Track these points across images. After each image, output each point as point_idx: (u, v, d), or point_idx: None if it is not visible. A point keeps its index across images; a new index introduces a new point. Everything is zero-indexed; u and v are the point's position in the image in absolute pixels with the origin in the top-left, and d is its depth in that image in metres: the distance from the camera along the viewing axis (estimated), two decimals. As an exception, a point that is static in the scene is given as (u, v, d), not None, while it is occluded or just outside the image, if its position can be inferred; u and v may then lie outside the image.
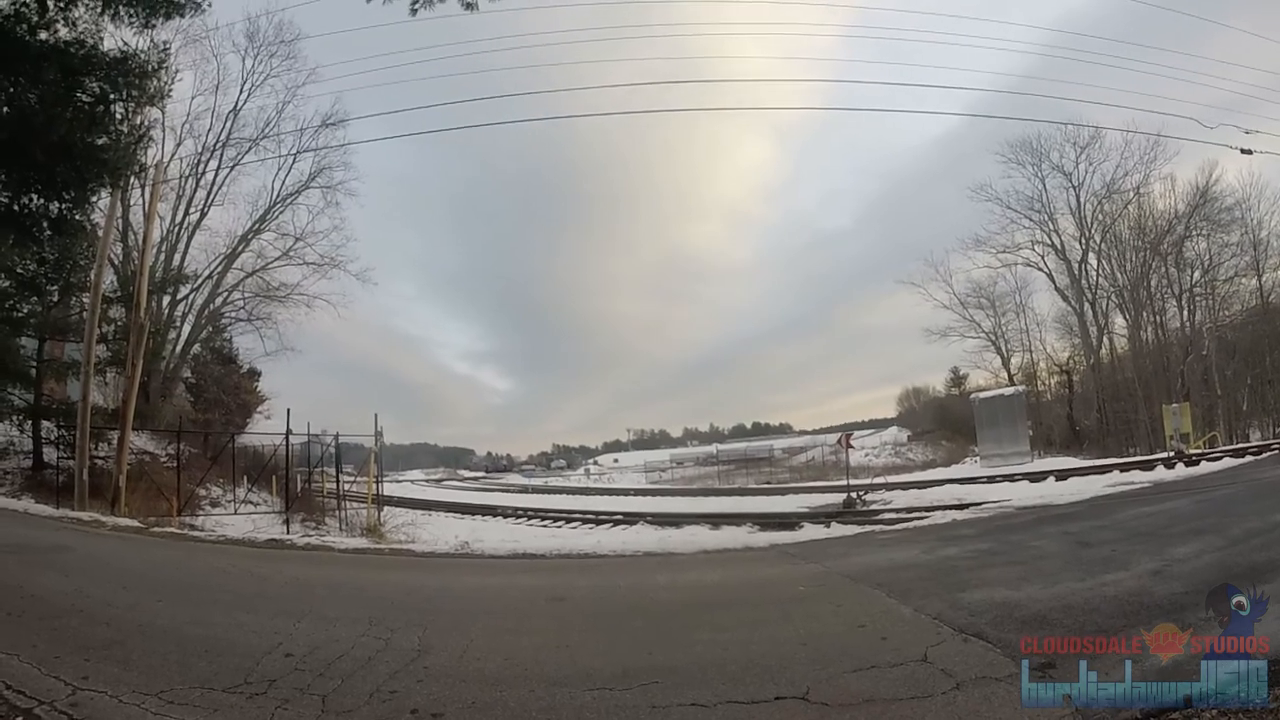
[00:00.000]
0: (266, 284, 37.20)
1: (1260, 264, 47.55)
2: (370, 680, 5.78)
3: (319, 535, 20.03)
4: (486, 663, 6.29)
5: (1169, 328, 50.05)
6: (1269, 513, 11.66)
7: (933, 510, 19.02)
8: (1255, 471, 19.50)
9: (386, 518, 26.14)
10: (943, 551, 11.42)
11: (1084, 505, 16.30)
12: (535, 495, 46.04)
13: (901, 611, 7.63)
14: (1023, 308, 57.21)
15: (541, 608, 8.96)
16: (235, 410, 33.58)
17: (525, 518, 30.99)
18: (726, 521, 21.23)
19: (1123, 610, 6.97)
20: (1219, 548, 9.55)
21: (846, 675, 5.73)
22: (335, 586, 10.27)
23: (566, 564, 12.83)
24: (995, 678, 5.52)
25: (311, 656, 6.30)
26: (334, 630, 7.16)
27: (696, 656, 6.36)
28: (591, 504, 35.27)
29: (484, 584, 11.00)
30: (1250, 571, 7.92)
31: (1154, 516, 13.26)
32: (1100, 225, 52.30)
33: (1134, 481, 22.12)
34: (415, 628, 7.27)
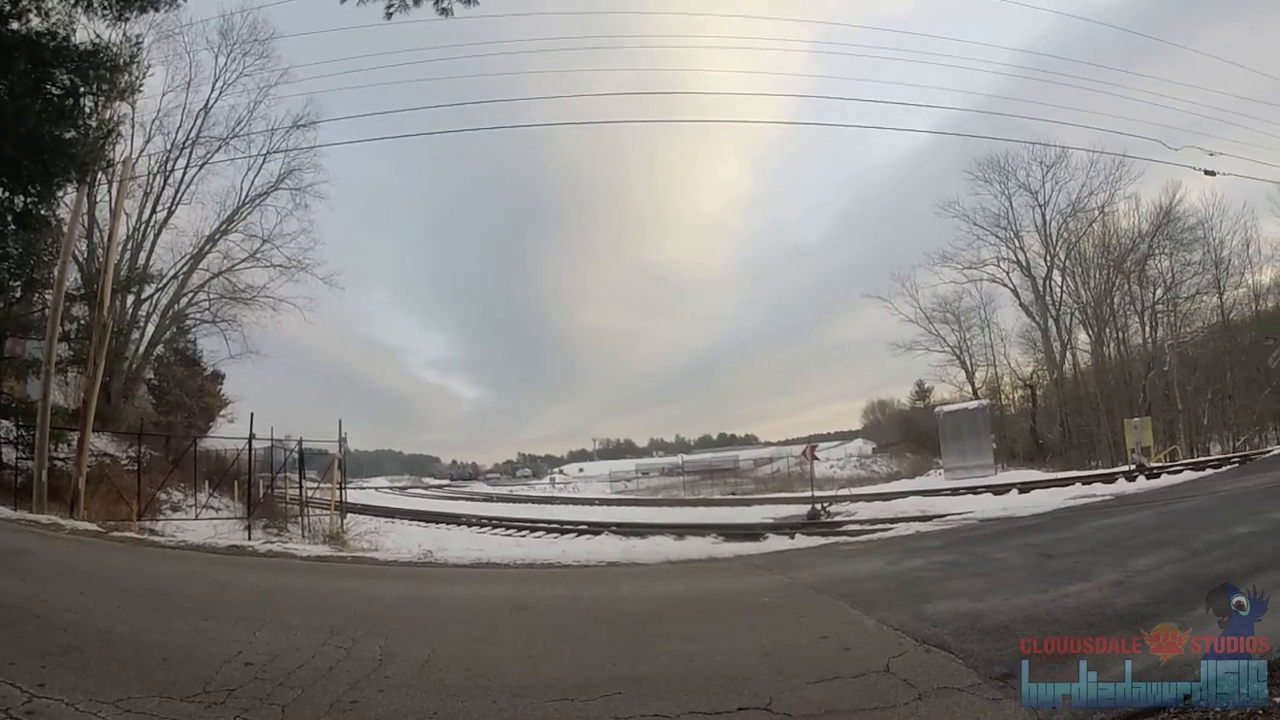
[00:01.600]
0: (233, 285, 36.75)
1: (1221, 282, 48.46)
2: (331, 690, 5.73)
3: (281, 542, 19.82)
4: (449, 673, 6.24)
5: (1131, 343, 50.86)
6: (1229, 525, 11.76)
7: (897, 522, 19.11)
8: (1215, 484, 19.69)
9: (350, 525, 25.94)
10: (906, 563, 11.47)
11: (1047, 517, 16.41)
12: (500, 504, 45.80)
13: (865, 623, 7.64)
14: (988, 323, 58.11)
15: (505, 618, 8.91)
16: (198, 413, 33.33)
17: (490, 527, 30.86)
18: (691, 532, 21.21)
19: (1084, 621, 7.02)
20: (1180, 559, 9.64)
21: (809, 686, 5.73)
22: (297, 594, 10.19)
23: (531, 574, 12.79)
24: (957, 688, 5.54)
25: (272, 665, 6.22)
26: (295, 639, 7.09)
27: (660, 667, 6.34)
28: (556, 513, 35.20)
29: (447, 593, 10.96)
30: (1209, 583, 7.97)
31: (1116, 528, 13.35)
32: (1065, 243, 53.23)
33: (1096, 494, 22.35)
34: (377, 637, 7.19)
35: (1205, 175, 36.91)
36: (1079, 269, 52.58)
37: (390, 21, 12.16)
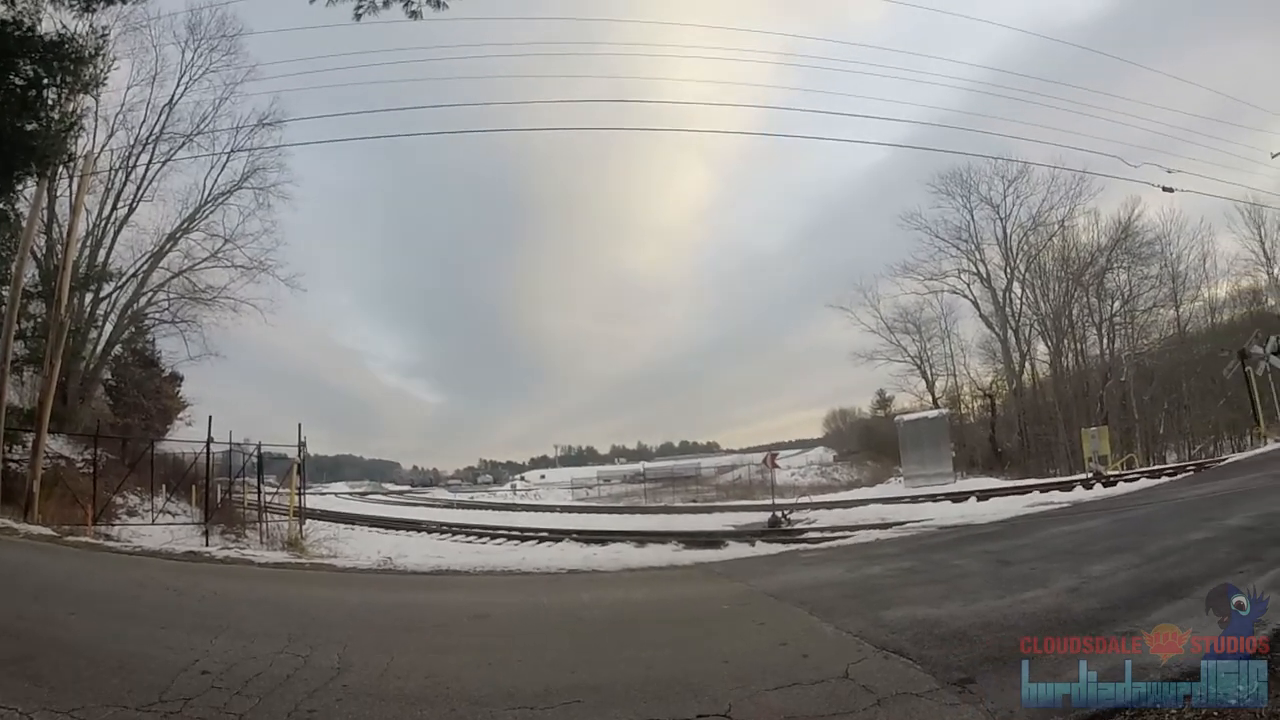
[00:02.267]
0: (193, 285, 36.17)
1: (1178, 296, 49.49)
2: (288, 699, 5.67)
3: (239, 548, 19.64)
4: (407, 681, 6.21)
5: (1089, 354, 51.58)
6: (1184, 531, 11.89)
7: (856, 529, 19.22)
8: (1171, 492, 19.91)
9: (309, 531, 25.76)
10: (865, 570, 11.53)
11: (1005, 525, 16.55)
12: (461, 510, 45.55)
13: (823, 629, 7.67)
14: (948, 333, 58.66)
15: (465, 625, 8.89)
16: (155, 416, 32.87)
17: (450, 533, 30.67)
18: (652, 539, 21.25)
19: (1041, 626, 7.06)
20: (1135, 565, 9.73)
21: (768, 693, 5.75)
22: (254, 601, 10.10)
23: (491, 581, 12.76)
24: (915, 694, 5.57)
25: (228, 674, 6.16)
26: (252, 647, 7.01)
27: (620, 675, 6.35)
28: (517, 520, 35.10)
29: (406, 600, 10.88)
30: (1166, 588, 8.11)
31: (1072, 535, 13.48)
32: (1025, 256, 53.97)
33: (1054, 501, 22.56)
34: (335, 645, 7.15)
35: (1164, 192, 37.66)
36: (1038, 281, 53.37)
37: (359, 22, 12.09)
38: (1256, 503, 13.75)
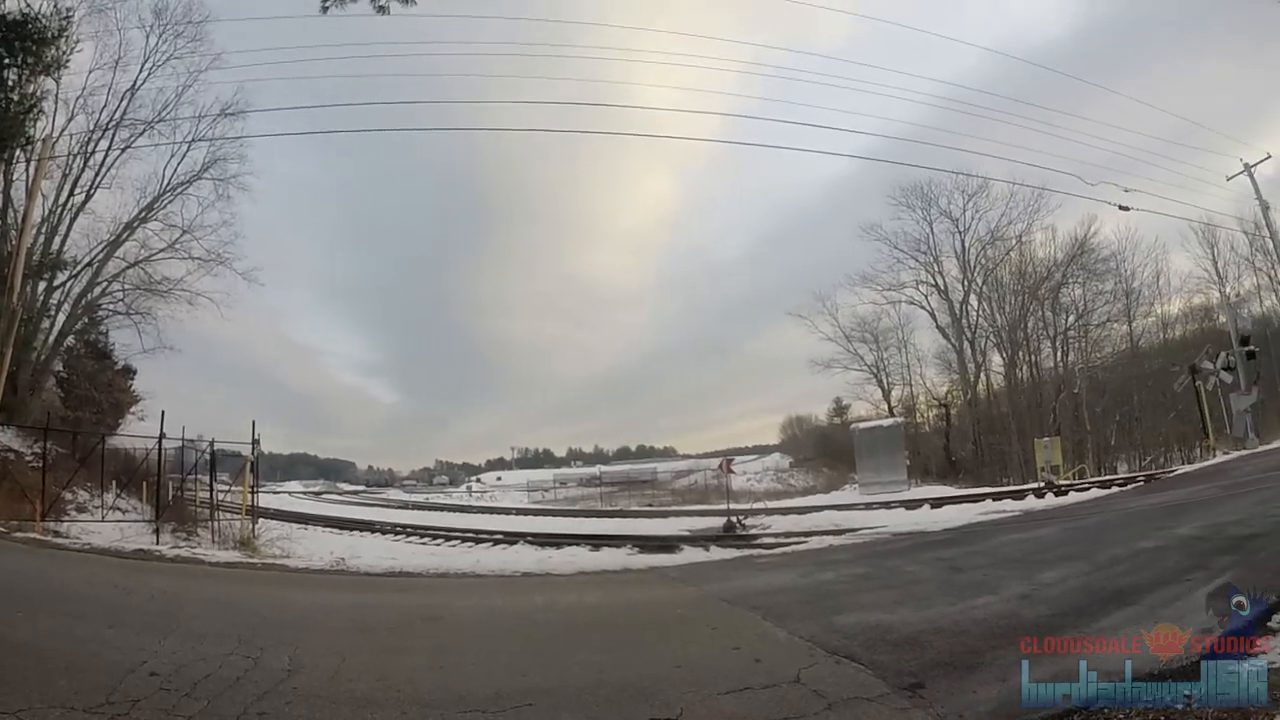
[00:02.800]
0: (149, 277, 35.34)
1: (1131, 311, 50.09)
2: (238, 701, 5.63)
3: (190, 547, 19.42)
4: (359, 684, 6.19)
5: (1043, 367, 52.02)
6: (1132, 540, 12.04)
7: (811, 535, 19.24)
8: (1121, 502, 20.15)
9: (261, 530, 25.42)
10: (819, 576, 11.60)
11: (957, 532, 16.68)
12: (416, 512, 45.14)
13: (776, 634, 7.72)
14: (905, 343, 58.90)
15: (417, 627, 8.86)
16: (107, 409, 32.27)
17: (404, 534, 30.38)
18: (607, 543, 21.17)
19: (991, 632, 7.18)
20: (1085, 573, 9.87)
21: (720, 697, 5.78)
22: (205, 601, 10.01)
23: (444, 583, 12.73)
24: (866, 698, 5.63)
25: (178, 675, 6.11)
26: (202, 648, 6.95)
27: (572, 678, 6.35)
28: (472, 522, 34.81)
29: (359, 602, 10.82)
30: (1115, 595, 8.23)
31: (1024, 543, 13.65)
32: (983, 269, 54.39)
33: (1006, 510, 22.72)
34: (286, 646, 7.09)
35: (1120, 210, 38.64)
36: (995, 294, 53.80)
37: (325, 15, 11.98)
38: (1205, 513, 13.93)
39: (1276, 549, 9.48)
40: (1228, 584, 8.02)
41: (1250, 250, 48.18)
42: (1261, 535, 10.54)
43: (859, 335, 58.91)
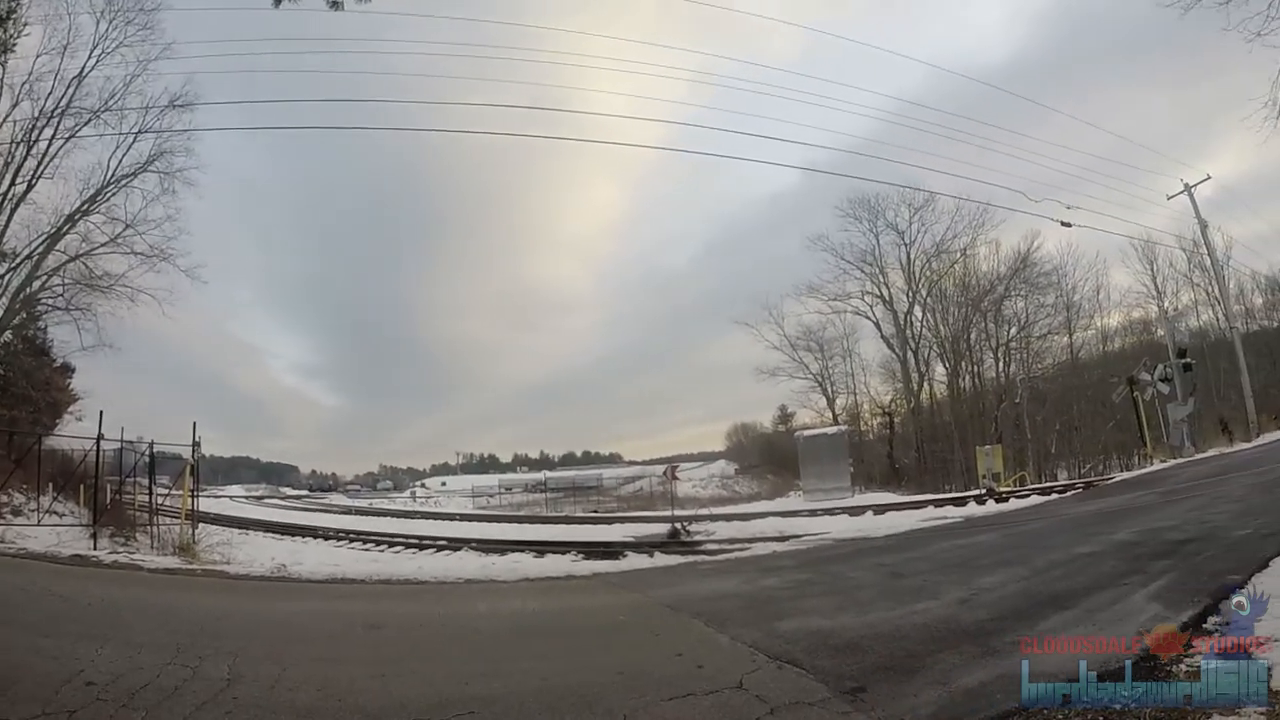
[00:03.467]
0: (90, 271, 34.26)
1: (1072, 324, 51.29)
2: (176, 712, 5.57)
3: (128, 552, 19.14)
4: (299, 693, 6.13)
5: (985, 377, 52.91)
6: (1071, 545, 12.22)
7: (755, 542, 19.30)
8: (1060, 508, 20.41)
9: (201, 535, 24.98)
10: (762, 582, 11.65)
11: (899, 538, 16.85)
12: (359, 517, 44.71)
13: (719, 640, 7.76)
14: (850, 352, 59.68)
15: (359, 635, 8.80)
16: (44, 409, 31.57)
17: (347, 540, 30.05)
18: (551, 549, 21.10)
19: (931, 636, 7.26)
20: (1024, 577, 10.01)
21: (663, 703, 5.80)
22: (143, 609, 9.86)
23: (387, 590, 12.63)
24: (808, 702, 5.68)
25: (114, 685, 6.02)
26: (139, 657, 6.85)
27: (515, 686, 6.33)
28: (416, 528, 34.47)
29: (300, 609, 10.74)
30: (1051, 599, 8.35)
31: (965, 549, 13.80)
32: (927, 281, 55.25)
33: (948, 516, 22.96)
34: (226, 655, 7.01)
35: (1063, 226, 39.94)
36: (939, 306, 54.69)
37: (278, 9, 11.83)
38: (1142, 518, 14.16)
39: (1211, 553, 9.64)
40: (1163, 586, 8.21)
41: (1188, 266, 49.87)
42: (1197, 540, 10.72)
43: (805, 344, 59.76)
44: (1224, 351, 46.07)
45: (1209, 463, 27.62)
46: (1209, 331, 50.46)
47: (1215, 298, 48.66)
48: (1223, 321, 47.65)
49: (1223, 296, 47.16)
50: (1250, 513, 12.49)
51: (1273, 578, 7.65)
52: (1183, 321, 48.76)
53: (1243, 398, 41.25)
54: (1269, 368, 48.10)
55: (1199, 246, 46.73)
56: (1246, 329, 48.38)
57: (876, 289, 56.84)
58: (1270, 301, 52.62)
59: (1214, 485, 18.05)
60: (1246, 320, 50.15)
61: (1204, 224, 44.33)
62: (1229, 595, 7.24)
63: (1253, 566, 8.24)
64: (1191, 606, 7.11)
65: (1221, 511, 13.19)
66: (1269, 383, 46.96)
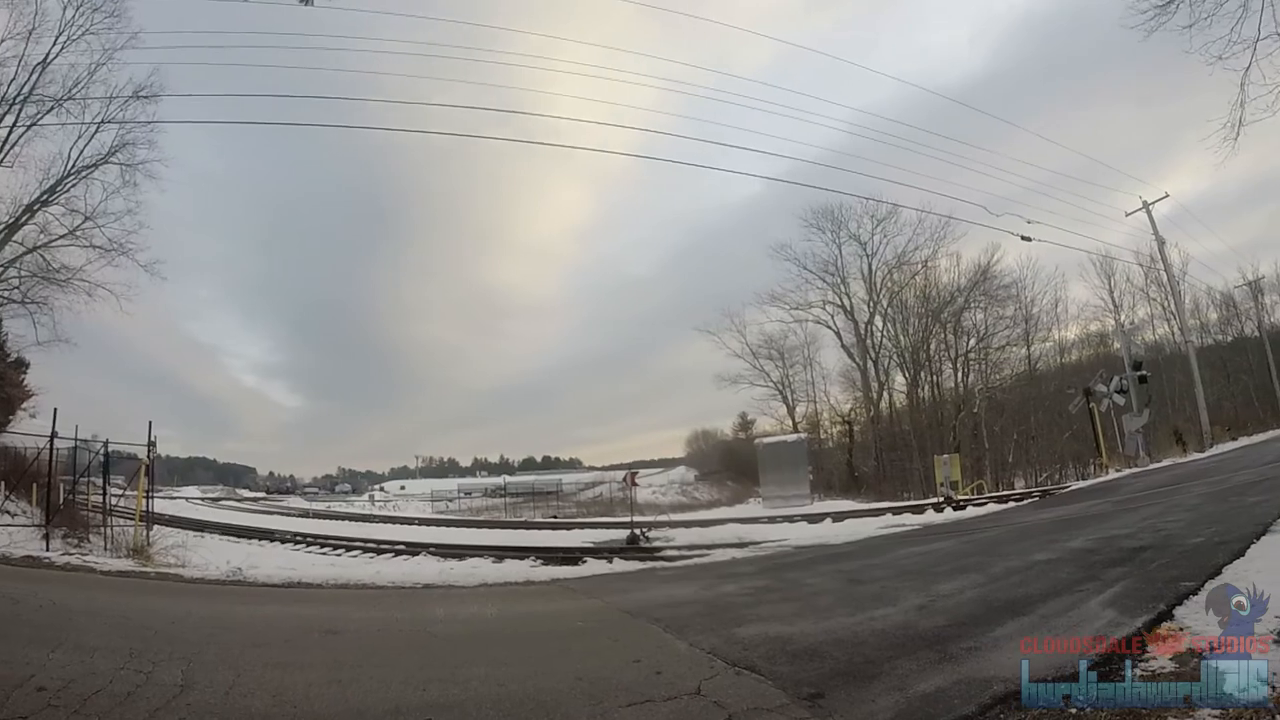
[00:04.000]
0: (47, 264, 33.77)
1: (1030, 336, 52.18)
2: (129, 718, 5.51)
3: (81, 554, 18.85)
4: (254, 699, 6.05)
5: (944, 386, 53.55)
6: (1027, 553, 12.33)
7: (714, 548, 19.35)
8: (1016, 516, 20.57)
9: (156, 537, 24.66)
10: (721, 588, 11.68)
11: (858, 545, 16.97)
12: (317, 520, 44.43)
13: (677, 646, 7.76)
14: (810, 361, 60.32)
15: (315, 640, 8.73)
16: (-3, 404, 31.14)
17: (305, 544, 29.78)
18: (510, 555, 21.04)
19: (889, 642, 7.30)
20: (980, 584, 10.08)
21: (621, 709, 5.79)
22: (95, 613, 9.73)
23: (344, 595, 12.57)
24: (767, 709, 5.67)
25: (67, 691, 5.92)
26: (92, 662, 6.76)
27: (472, 692, 6.30)
28: (374, 532, 34.24)
29: (256, 614, 10.63)
30: (1007, 606, 8.41)
31: (923, 556, 13.92)
32: (888, 291, 56.05)
33: (906, 524, 23.14)
34: (180, 660, 6.94)
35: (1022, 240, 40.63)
36: (900, 316, 55.37)
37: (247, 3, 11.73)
38: (1097, 526, 14.31)
39: (1165, 560, 9.73)
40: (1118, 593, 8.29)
41: (1145, 282, 51.29)
42: (1151, 548, 10.82)
43: (766, 352, 60.53)
44: (1179, 365, 47.12)
45: (1163, 472, 28.00)
46: (1164, 345, 51.79)
47: (1171, 312, 49.91)
48: (1178, 336, 48.81)
49: (1178, 311, 48.26)
50: (1204, 521, 12.64)
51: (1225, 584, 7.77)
52: (1139, 335, 49.93)
53: (1197, 410, 42.17)
54: (1223, 381, 49.30)
55: (1156, 262, 47.95)
56: (1201, 343, 49.64)
57: (838, 298, 57.64)
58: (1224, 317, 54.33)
59: (1168, 494, 18.26)
60: (1201, 335, 51.56)
61: (1161, 241, 45.28)
62: (1183, 601, 7.38)
63: (1206, 573, 8.33)
64: (1146, 613, 7.18)
65: (1176, 520, 13.33)
66: (1222, 396, 48.13)
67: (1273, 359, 50.90)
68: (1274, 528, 10.54)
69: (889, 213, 53.91)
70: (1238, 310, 55.24)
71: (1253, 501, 13.88)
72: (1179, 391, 46.99)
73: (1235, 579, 7.84)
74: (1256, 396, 51.59)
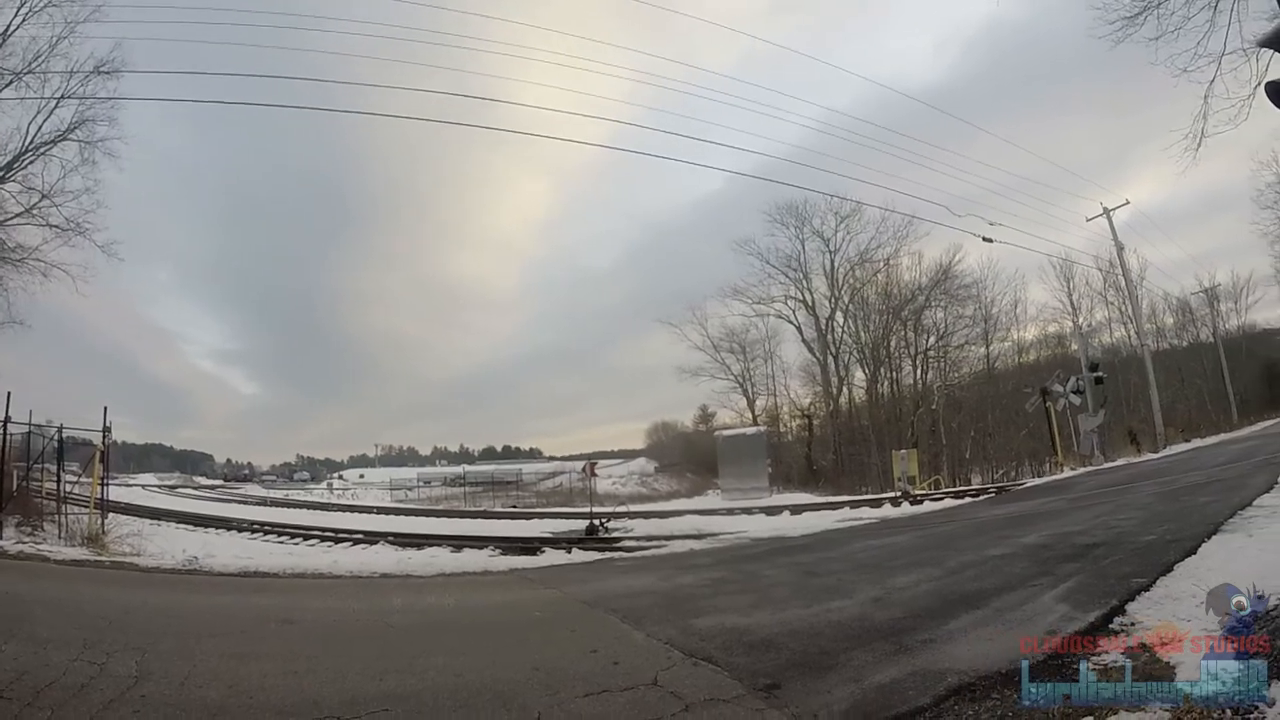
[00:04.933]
0: (1, 243, 32.46)
1: (989, 335, 53.03)
2: (83, 711, 5.45)
3: (34, 542, 18.60)
4: (209, 690, 6.03)
5: (904, 383, 54.15)
6: (982, 548, 12.43)
7: (672, 539, 19.38)
8: (973, 511, 20.74)
9: (111, 526, 24.37)
10: (679, 579, 11.70)
11: (815, 538, 17.05)
12: (275, 508, 44.09)
13: (634, 637, 7.79)
14: (771, 355, 60.74)
15: (271, 630, 8.66)
16: (-51, 387, 30.57)
17: (262, 532, 29.54)
18: (469, 544, 20.96)
19: (845, 634, 7.35)
20: (936, 577, 10.16)
21: (578, 700, 5.80)
22: (49, 603, 9.65)
23: (300, 584, 12.50)
24: (723, 699, 5.71)
25: (18, 684, 5.87)
26: (45, 654, 6.69)
27: (429, 683, 6.29)
28: (332, 520, 34.08)
29: (212, 603, 10.55)
30: (964, 599, 8.50)
31: (879, 549, 14.01)
32: (850, 288, 56.57)
33: (863, 518, 23.31)
34: (134, 651, 6.87)
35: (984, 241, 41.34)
36: (861, 313, 55.93)
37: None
38: (1051, 523, 14.45)
39: (1118, 557, 9.84)
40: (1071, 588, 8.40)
41: (1104, 285, 52.35)
42: (1104, 544, 10.94)
43: (727, 345, 60.92)
44: (1135, 367, 47.96)
45: (1117, 471, 28.34)
46: (1121, 348, 52.76)
47: (1128, 316, 50.82)
48: (1135, 339, 49.59)
49: (1135, 315, 49.01)
50: (1156, 519, 12.80)
51: (1178, 581, 7.88)
52: (1096, 337, 50.78)
53: (1151, 411, 42.91)
54: (1177, 384, 50.29)
55: (1115, 267, 48.76)
56: (1157, 347, 50.66)
57: (800, 294, 58.11)
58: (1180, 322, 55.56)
59: (1122, 493, 18.48)
60: (1157, 339, 52.69)
61: (1120, 246, 45.99)
62: (1135, 597, 7.49)
63: (1158, 570, 8.45)
64: (1098, 608, 7.28)
65: (1129, 518, 13.48)
66: (1176, 399, 49.02)
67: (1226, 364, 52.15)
68: (1225, 527, 10.69)
69: (853, 210, 54.38)
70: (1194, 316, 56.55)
71: (1204, 501, 14.07)
72: (1134, 393, 47.80)
73: (1187, 576, 7.99)
74: (1210, 400, 52.82)
